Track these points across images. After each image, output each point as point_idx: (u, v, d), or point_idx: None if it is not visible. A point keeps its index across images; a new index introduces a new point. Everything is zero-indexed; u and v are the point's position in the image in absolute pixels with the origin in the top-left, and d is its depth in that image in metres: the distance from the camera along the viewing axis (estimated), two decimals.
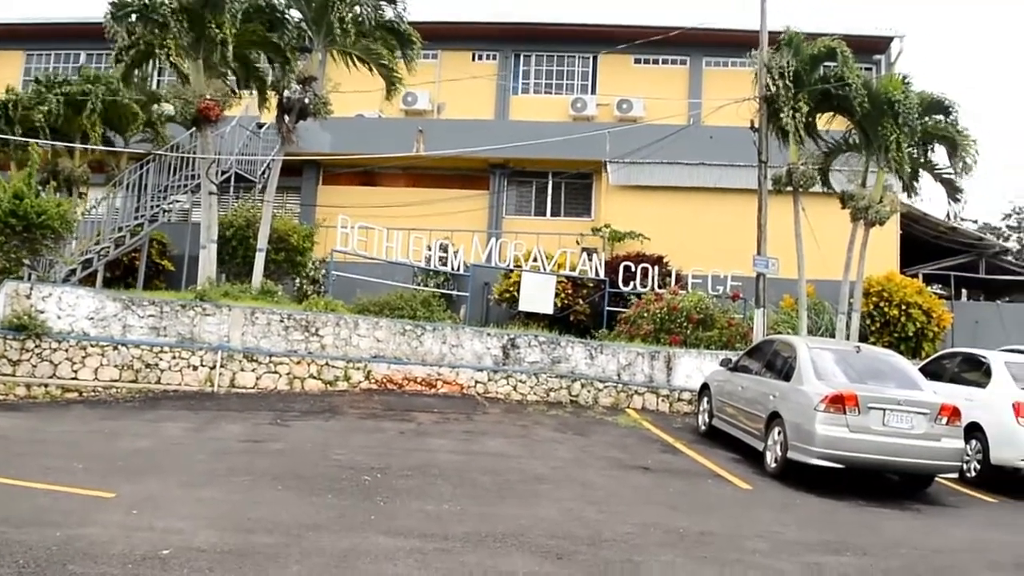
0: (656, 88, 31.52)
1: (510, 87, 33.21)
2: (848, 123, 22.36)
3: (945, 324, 25.73)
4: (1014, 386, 14.29)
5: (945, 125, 21.89)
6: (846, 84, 20.84)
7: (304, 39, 21.81)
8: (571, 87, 33.20)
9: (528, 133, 27.86)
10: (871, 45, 31.02)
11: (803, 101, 20.75)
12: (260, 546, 7.53)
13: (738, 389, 14.88)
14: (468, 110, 31.63)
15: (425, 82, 30.31)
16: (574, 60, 33.39)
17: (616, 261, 24.94)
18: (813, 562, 8.62)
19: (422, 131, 29.50)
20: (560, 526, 8.97)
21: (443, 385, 18.06)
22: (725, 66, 32.51)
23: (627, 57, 32.19)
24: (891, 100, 20.72)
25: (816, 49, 21.37)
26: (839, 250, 22.07)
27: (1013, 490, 13.95)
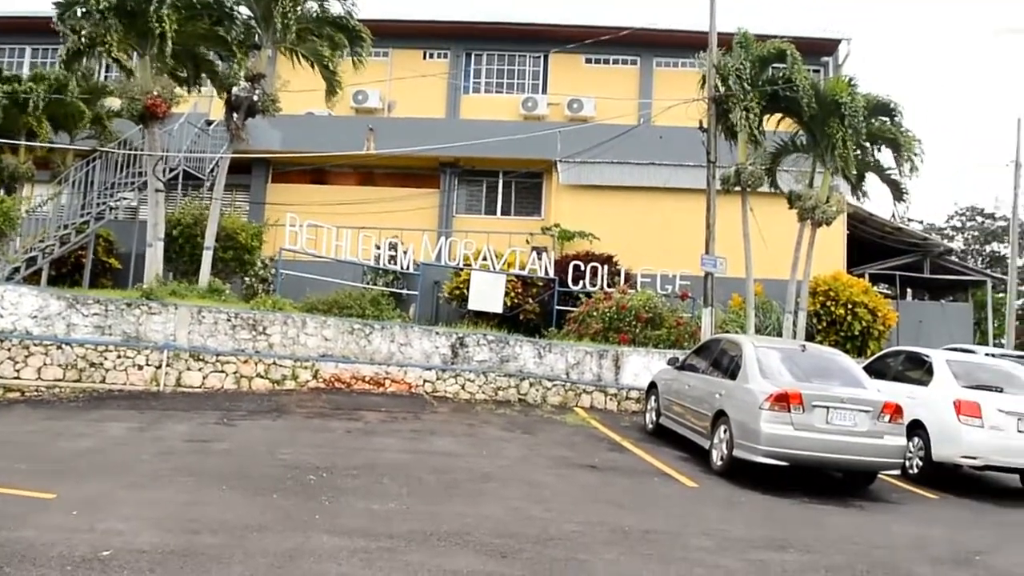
0: (607, 88, 31.67)
1: (461, 86, 33.23)
2: (795, 124, 22.59)
3: (890, 323, 26.06)
4: (955, 384, 14.49)
5: (890, 127, 22.20)
6: (794, 86, 21.05)
7: (253, 36, 21.65)
8: (522, 86, 33.28)
9: (479, 132, 27.86)
10: (818, 47, 31.35)
11: (752, 102, 20.95)
12: (203, 547, 7.47)
13: (685, 388, 14.97)
14: (419, 109, 31.62)
15: (376, 80, 30.27)
16: (525, 59, 33.46)
17: (566, 260, 25.03)
18: (757, 559, 8.69)
19: (373, 129, 29.44)
20: (506, 524, 8.99)
21: (391, 384, 18.02)
22: (675, 66, 32.70)
23: (578, 57, 32.31)
24: (838, 102, 20.97)
25: (765, 51, 21.61)
26: (787, 250, 22.29)
27: (954, 486, 14.17)
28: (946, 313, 32.95)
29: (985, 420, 13.76)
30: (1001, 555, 10.11)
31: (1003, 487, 15.33)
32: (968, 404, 13.88)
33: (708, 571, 8.09)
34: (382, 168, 30.37)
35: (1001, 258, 51.04)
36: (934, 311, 33.08)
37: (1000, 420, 13.81)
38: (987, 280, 37.15)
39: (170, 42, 19.13)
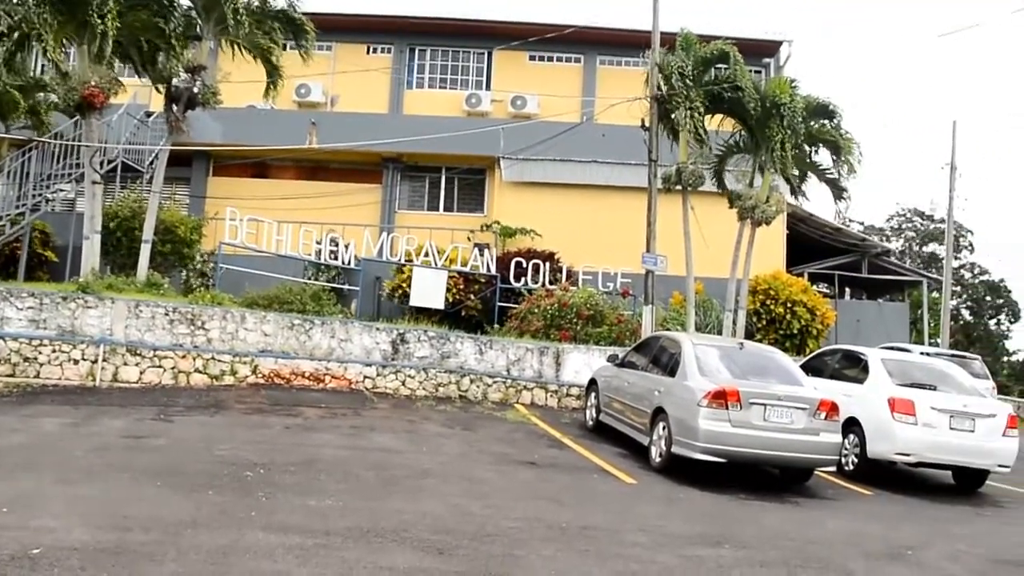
0: (550, 85, 31.77)
1: (405, 81, 33.16)
2: (737, 124, 22.79)
3: (829, 322, 26.42)
4: (890, 382, 14.73)
5: (829, 128, 22.53)
6: (737, 86, 21.24)
7: (195, 27, 21.38)
8: (466, 82, 33.28)
9: (422, 128, 27.85)
10: (760, 49, 31.64)
11: (696, 102, 21.10)
12: (136, 544, 7.36)
13: (625, 385, 15.05)
14: (362, 103, 31.48)
15: (319, 74, 30.04)
16: (469, 55, 33.45)
17: (508, 257, 25.05)
18: (694, 555, 8.74)
19: (315, 123, 29.28)
20: (443, 521, 8.97)
21: (331, 380, 17.92)
22: (619, 65, 32.89)
23: (522, 54, 32.35)
24: (779, 103, 21.22)
25: (709, 52, 21.79)
26: (727, 248, 22.50)
27: (888, 483, 14.42)
28: (883, 312, 33.47)
29: (918, 418, 14.00)
30: (932, 550, 10.27)
31: (936, 483, 15.62)
32: (902, 402, 14.12)
33: (644, 567, 8.13)
34: (324, 163, 30.21)
35: (938, 259, 51.93)
36: (872, 310, 33.61)
37: (933, 418, 14.06)
38: (923, 280, 37.81)
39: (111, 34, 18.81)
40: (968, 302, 57.84)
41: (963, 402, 14.46)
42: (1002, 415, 14.63)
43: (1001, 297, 58.06)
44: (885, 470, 14.90)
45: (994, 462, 14.46)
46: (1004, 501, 14.77)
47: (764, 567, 8.63)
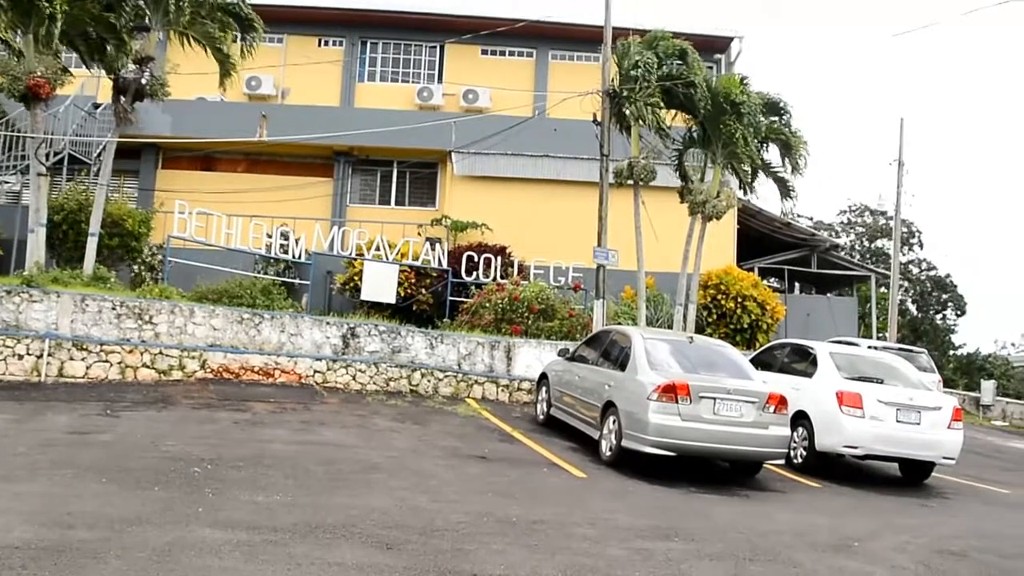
0: (502, 79, 31.73)
1: (356, 74, 32.99)
2: (689, 120, 22.88)
3: (779, 316, 26.61)
4: (838, 376, 14.91)
5: (780, 125, 22.67)
6: (691, 82, 21.33)
7: (143, 18, 21.09)
8: (418, 76, 33.16)
9: (374, 121, 27.77)
10: (712, 45, 31.84)
11: (652, 96, 21.15)
12: (79, 541, 7.25)
13: (575, 379, 15.08)
14: (313, 96, 31.29)
15: (270, 66, 29.86)
16: (421, 49, 33.35)
17: (460, 251, 25.01)
18: (642, 548, 8.77)
19: (266, 116, 29.00)
20: (392, 516, 8.93)
21: (281, 374, 17.78)
22: (571, 60, 32.96)
23: (474, 48, 32.32)
24: (731, 99, 21.35)
25: (665, 48, 21.81)
26: (678, 243, 22.60)
27: (836, 475, 14.62)
28: (832, 307, 33.79)
29: (866, 411, 14.19)
30: (878, 541, 10.40)
31: (883, 475, 15.85)
32: (850, 395, 14.29)
33: (593, 560, 8.15)
34: (275, 156, 29.97)
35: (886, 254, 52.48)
36: (821, 305, 33.92)
37: (880, 411, 14.25)
38: (871, 275, 38.18)
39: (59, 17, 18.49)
40: (915, 297, 58.52)
41: (909, 395, 14.66)
42: (947, 408, 14.86)
43: (947, 292, 58.79)
44: (833, 463, 15.09)
45: (939, 454, 14.70)
46: (949, 493, 14.99)
47: (713, 560, 8.68)
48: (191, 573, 6.74)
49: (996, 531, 12.25)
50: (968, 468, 17.08)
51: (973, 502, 14.64)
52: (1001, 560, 10.23)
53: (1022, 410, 36.95)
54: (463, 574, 7.33)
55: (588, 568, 7.89)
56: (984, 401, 35.89)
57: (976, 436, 24.81)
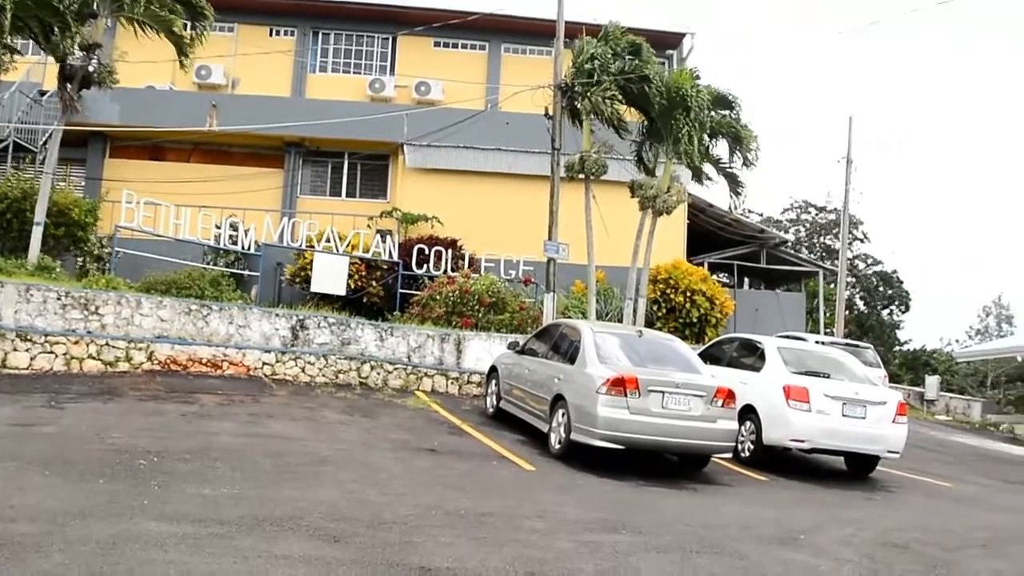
0: (455, 72, 31.71)
1: (308, 65, 32.81)
2: (641, 115, 22.95)
3: (728, 311, 26.83)
4: (785, 370, 15.03)
5: (730, 120, 22.80)
6: (645, 77, 21.40)
7: (91, 4, 20.79)
8: (370, 67, 33.04)
9: (325, 112, 27.66)
10: (664, 40, 31.93)
11: (607, 91, 21.19)
12: (21, 535, 7.13)
13: (525, 372, 15.08)
14: (264, 86, 31.03)
15: (220, 55, 29.58)
16: (373, 40, 33.21)
17: (410, 243, 24.94)
18: (590, 541, 8.81)
19: (216, 106, 28.73)
20: (340, 509, 8.89)
21: (229, 366, 17.62)
22: (524, 53, 33.00)
23: (427, 40, 32.23)
24: (682, 94, 21.41)
25: (621, 43, 21.84)
26: (629, 237, 22.68)
27: (783, 469, 14.74)
28: (781, 302, 34.09)
29: (812, 405, 14.31)
30: (823, 534, 10.52)
31: (829, 469, 16.01)
32: (797, 389, 14.41)
33: (541, 553, 8.16)
34: (225, 146, 29.69)
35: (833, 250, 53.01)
36: (770, 300, 34.22)
37: (826, 405, 14.39)
38: (819, 271, 38.59)
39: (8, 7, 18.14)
40: (862, 292, 59.16)
41: (855, 390, 14.82)
42: (892, 402, 15.06)
43: (893, 288, 59.49)
44: (780, 456, 15.20)
45: (884, 448, 14.89)
46: (893, 486, 15.17)
47: (660, 552, 8.73)
48: (135, 566, 6.66)
49: (938, 524, 12.43)
50: (912, 462, 17.31)
51: (916, 495, 14.85)
52: (943, 553, 10.38)
53: (965, 405, 37.56)
54: (410, 567, 7.30)
55: (536, 560, 7.90)
56: (928, 396, 36.40)
57: (920, 430, 25.13)
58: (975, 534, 11.94)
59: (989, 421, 35.12)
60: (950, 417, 35.25)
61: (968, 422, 34.45)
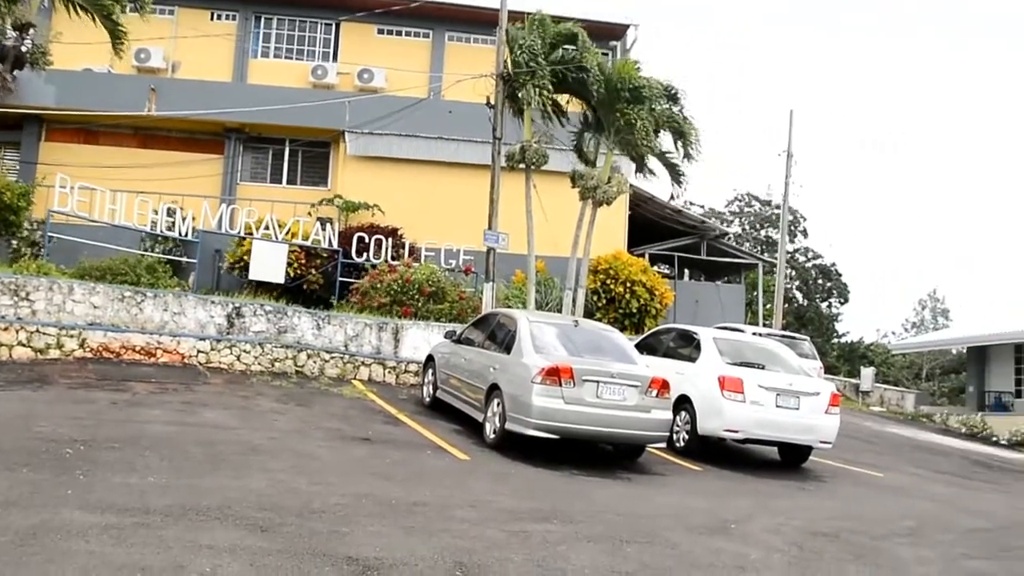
0: (398, 59, 31.49)
1: (249, 50, 32.35)
2: (583, 105, 22.97)
3: (667, 302, 26.96)
4: (720, 361, 15.14)
5: (673, 112, 22.84)
6: (583, 67, 21.40)
7: None
8: (312, 53, 32.67)
9: (267, 98, 27.42)
10: (607, 31, 31.98)
11: (546, 80, 21.18)
12: None
13: (462, 361, 15.05)
14: (205, 71, 30.55)
15: (159, 38, 29.14)
16: (316, 26, 32.83)
17: (351, 232, 24.79)
18: (520, 530, 8.81)
19: (155, 90, 28.38)
20: (269, 498, 8.82)
21: (163, 354, 17.39)
22: (468, 42, 32.84)
23: (370, 26, 32.00)
24: (625, 85, 21.42)
25: (557, 32, 21.84)
26: (569, 228, 22.67)
27: (717, 458, 14.88)
28: (721, 293, 34.40)
29: (747, 395, 14.44)
30: (753, 523, 10.66)
31: (763, 459, 16.20)
32: (731, 380, 14.53)
33: (470, 542, 8.16)
34: (164, 131, 29.33)
35: (774, 243, 53.54)
36: (710, 291, 34.49)
37: (760, 395, 14.53)
38: (759, 263, 38.97)
39: None
40: (802, 285, 59.82)
41: (789, 381, 14.98)
42: (825, 393, 15.23)
43: (832, 281, 60.23)
44: (715, 446, 15.34)
45: (817, 438, 15.08)
46: (826, 476, 15.39)
47: (591, 542, 8.77)
48: (54, 557, 6.54)
49: (868, 513, 12.64)
50: (845, 452, 17.57)
51: (848, 485, 15.09)
52: (872, 541, 10.57)
53: (899, 397, 38.20)
54: (337, 557, 7.26)
55: (465, 550, 7.89)
56: (864, 388, 36.97)
57: (855, 421, 25.51)
58: (903, 523, 12.17)
59: (922, 412, 35.74)
60: (884, 408, 35.83)
61: (902, 413, 35.01)
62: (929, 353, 58.34)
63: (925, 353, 58.29)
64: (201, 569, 6.60)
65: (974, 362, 41.30)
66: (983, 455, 24.59)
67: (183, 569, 6.56)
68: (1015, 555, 11.13)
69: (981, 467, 21.52)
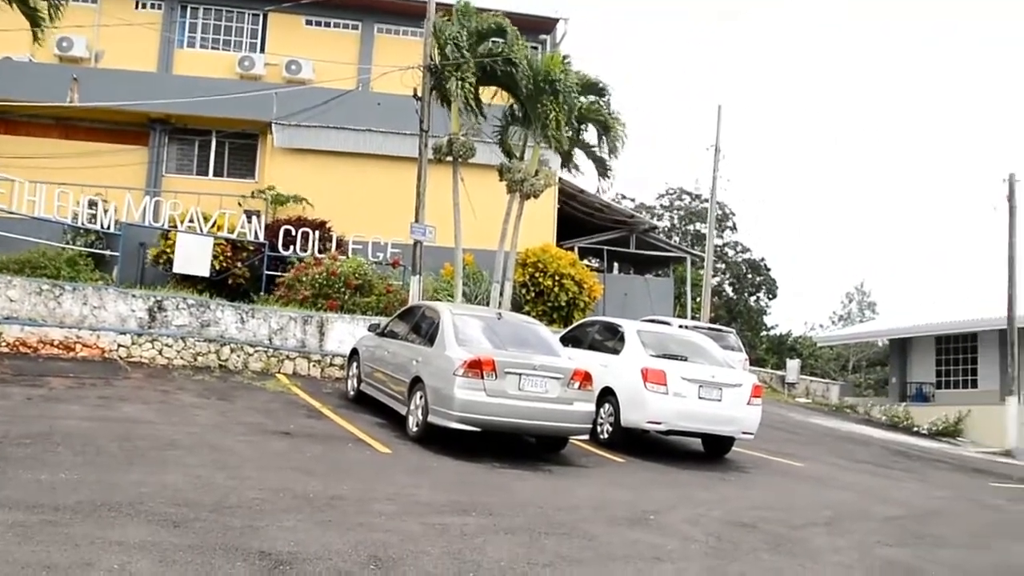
0: (327, 51, 31.28)
1: (175, 40, 31.95)
2: (511, 98, 22.99)
3: (596, 295, 27.07)
4: (644, 353, 15.22)
5: (599, 106, 22.96)
6: (511, 60, 21.41)
7: None
8: (239, 44, 32.39)
9: (193, 89, 27.12)
10: (537, 25, 32.04)
11: (469, 73, 21.16)
12: None
13: (385, 354, 14.99)
14: (129, 61, 30.06)
15: (83, 26, 28.64)
16: (243, 16, 32.54)
17: (278, 225, 24.52)
18: (439, 523, 8.79)
19: (77, 79, 27.81)
20: (185, 493, 8.69)
21: (83, 349, 17.09)
22: (397, 34, 32.76)
23: (298, 17, 31.80)
24: (553, 78, 21.47)
25: (484, 24, 21.83)
26: (498, 221, 22.69)
27: (641, 450, 14.99)
28: (649, 287, 34.62)
29: (669, 387, 14.53)
30: (674, 513, 10.75)
31: (686, 450, 16.35)
32: (654, 372, 14.62)
33: (387, 536, 8.11)
34: (87, 121, 28.81)
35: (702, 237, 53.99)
36: (638, 285, 34.72)
37: (683, 387, 14.64)
38: (687, 257, 39.29)
39: None
40: (731, 279, 60.41)
41: (712, 373, 15.13)
42: (747, 385, 15.41)
43: (761, 275, 60.91)
44: (639, 438, 15.44)
45: (739, 429, 15.26)
46: (748, 466, 15.59)
47: (508, 534, 8.76)
48: None
49: (788, 503, 12.83)
50: (769, 443, 17.81)
51: (769, 475, 15.30)
52: (789, 531, 10.71)
53: (824, 388, 38.81)
54: (250, 551, 7.17)
55: (381, 543, 7.84)
56: (789, 379, 37.48)
57: (779, 412, 25.87)
58: (821, 512, 12.35)
59: (846, 403, 36.38)
60: (810, 400, 36.37)
61: (827, 404, 35.59)
62: (855, 345, 59.22)
63: (851, 345, 59.16)
64: (109, 566, 6.47)
65: (897, 354, 42.08)
66: (903, 444, 25.10)
67: (91, 566, 6.42)
68: (928, 543, 11.34)
69: (901, 456, 21.96)
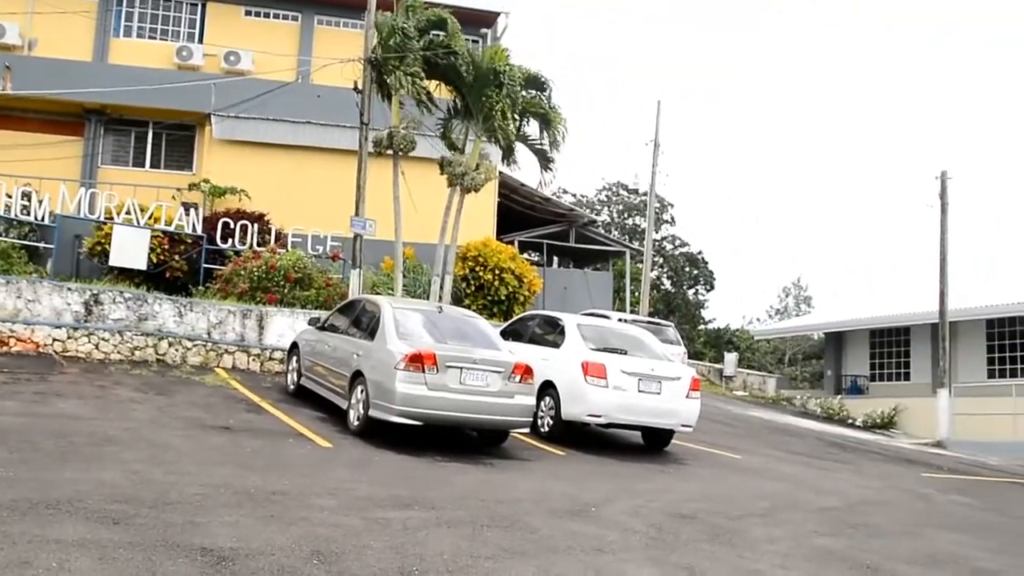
0: (266, 42, 30.95)
1: (111, 28, 31.40)
2: (452, 91, 22.96)
3: (536, 289, 27.17)
4: (584, 347, 15.32)
5: (540, 100, 23.01)
6: (452, 52, 21.40)
7: None
8: (177, 34, 31.89)
9: (129, 79, 26.77)
10: (478, 19, 32.00)
11: (417, 66, 21.11)
12: None
13: (326, 348, 14.96)
14: (64, 49, 29.52)
15: (16, 13, 28.14)
16: (181, 6, 32.07)
17: (216, 217, 24.26)
18: (380, 517, 8.80)
19: (10, 67, 27.33)
20: (123, 490, 8.60)
21: (16, 343, 16.79)
22: (338, 26, 32.54)
23: (238, 8, 31.52)
24: (495, 71, 21.50)
25: (426, 17, 21.78)
26: (438, 214, 22.67)
27: (582, 443, 15.10)
28: (589, 281, 34.83)
29: (609, 380, 14.66)
30: (613, 505, 10.85)
31: (625, 443, 16.51)
32: (594, 365, 14.72)
33: (329, 530, 8.10)
34: (19, 111, 28.33)
35: (641, 231, 54.31)
36: (578, 278, 34.89)
37: (623, 381, 14.76)
38: (626, 251, 39.56)
39: None
40: (669, 272, 60.81)
41: (651, 366, 15.26)
42: (686, 378, 15.57)
43: (699, 269, 61.38)
44: (579, 431, 15.56)
45: (678, 422, 15.44)
46: (687, 459, 15.76)
47: (450, 527, 8.80)
48: None
49: (726, 494, 12.99)
50: (707, 435, 18.03)
51: (708, 467, 15.50)
52: (728, 521, 10.87)
53: (761, 381, 39.28)
54: (191, 548, 7.13)
55: (323, 538, 7.84)
56: (727, 373, 37.85)
57: (717, 405, 26.15)
58: (758, 503, 12.55)
59: (783, 396, 36.88)
60: (747, 392, 36.78)
61: (764, 397, 36.04)
62: (792, 339, 59.97)
63: (788, 339, 59.91)
64: (47, 565, 6.39)
65: (832, 347, 42.75)
66: (838, 436, 25.50)
67: (28, 565, 6.34)
68: (861, 532, 11.54)
69: (835, 448, 22.32)
